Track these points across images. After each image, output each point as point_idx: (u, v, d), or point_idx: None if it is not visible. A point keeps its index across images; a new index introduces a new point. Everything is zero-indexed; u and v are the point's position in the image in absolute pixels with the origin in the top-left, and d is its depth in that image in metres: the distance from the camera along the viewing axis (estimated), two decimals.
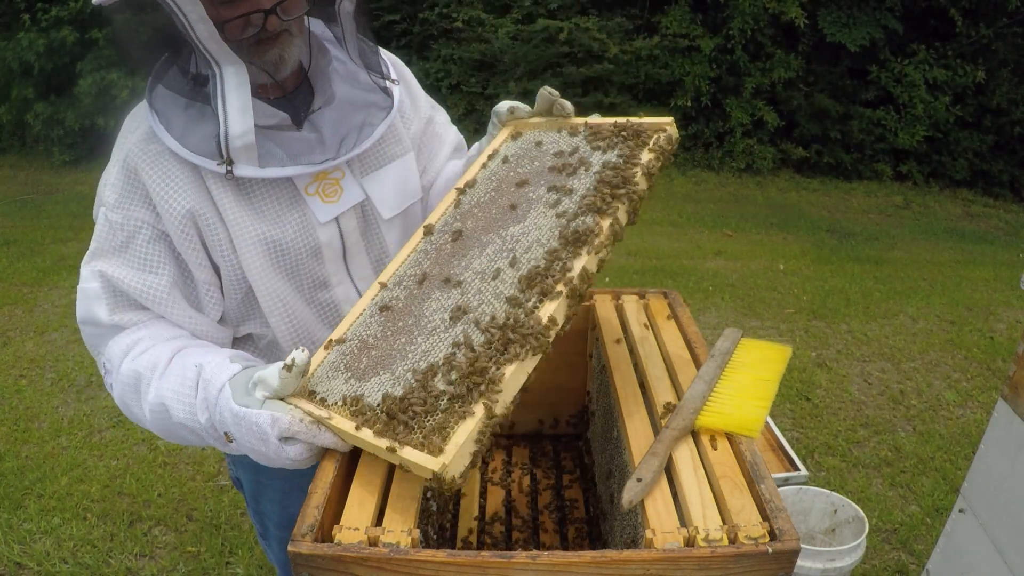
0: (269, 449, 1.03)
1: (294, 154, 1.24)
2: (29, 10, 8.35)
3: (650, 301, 1.52)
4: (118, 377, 1.23)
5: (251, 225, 1.25)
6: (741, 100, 8.53)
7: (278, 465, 1.07)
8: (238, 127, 1.16)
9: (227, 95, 1.15)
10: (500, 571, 0.83)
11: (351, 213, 1.34)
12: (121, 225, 1.24)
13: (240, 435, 1.05)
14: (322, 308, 1.38)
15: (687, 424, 1.07)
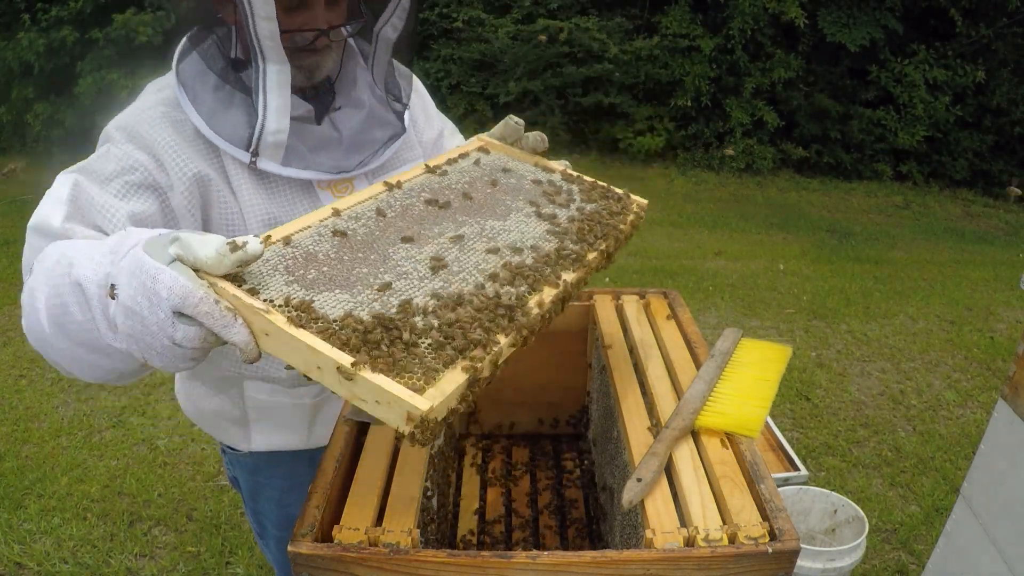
0: (153, 318, 0.80)
1: (313, 148, 1.27)
2: (29, 10, 8.35)
3: (650, 301, 1.52)
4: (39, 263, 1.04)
5: (263, 206, 1.26)
6: (741, 100, 8.53)
7: (153, 351, 0.84)
8: (274, 124, 1.19)
9: (269, 92, 1.17)
10: (500, 571, 0.83)
11: None
12: (118, 158, 1.19)
13: (127, 290, 0.82)
14: None
15: (687, 424, 1.07)
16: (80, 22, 8.22)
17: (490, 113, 8.86)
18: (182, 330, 0.81)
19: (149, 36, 7.94)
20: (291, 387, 1.41)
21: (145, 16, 8.02)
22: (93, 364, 0.97)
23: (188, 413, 1.54)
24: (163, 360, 0.85)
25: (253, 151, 1.21)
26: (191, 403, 1.51)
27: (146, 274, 0.81)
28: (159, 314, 0.81)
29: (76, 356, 0.97)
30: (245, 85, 1.21)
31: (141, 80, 1.40)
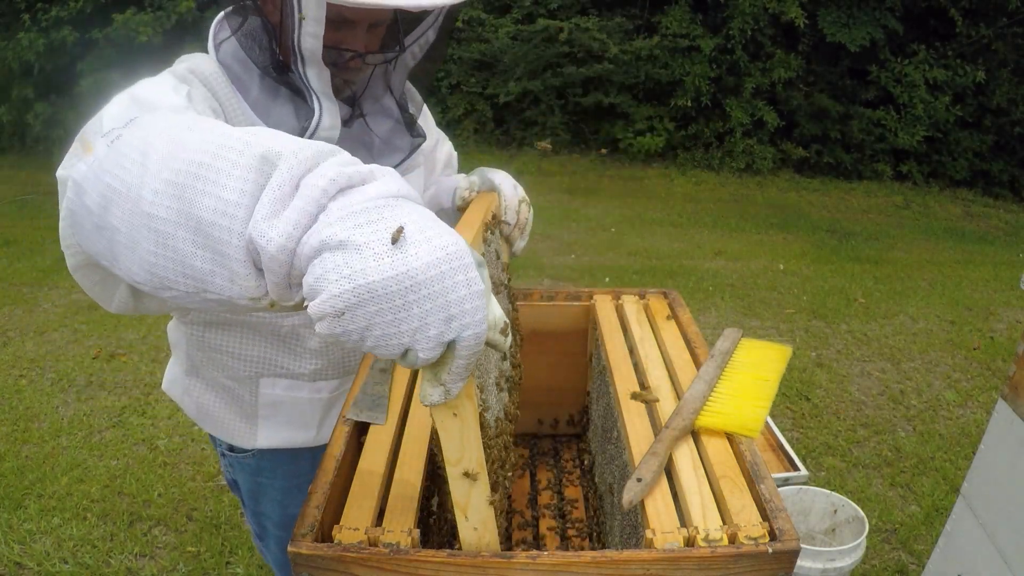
0: (416, 310, 0.64)
1: (346, 146, 1.26)
2: (29, 10, 8.35)
3: (650, 301, 1.52)
4: (160, 119, 0.81)
5: None
6: (741, 100, 8.53)
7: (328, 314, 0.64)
8: (328, 121, 1.19)
9: (319, 93, 1.17)
10: (500, 571, 0.83)
11: None
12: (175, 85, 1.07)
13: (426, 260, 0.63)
14: None
15: (687, 424, 1.07)
16: (80, 22, 8.22)
17: (490, 113, 8.86)
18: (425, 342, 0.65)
19: (149, 36, 7.93)
20: (312, 380, 1.41)
21: (145, 16, 8.02)
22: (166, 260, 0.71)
23: (188, 411, 1.53)
24: (323, 333, 0.65)
25: None
26: (191, 401, 1.49)
27: (462, 268, 0.65)
28: (414, 289, 0.63)
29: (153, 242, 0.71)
30: (289, 82, 1.21)
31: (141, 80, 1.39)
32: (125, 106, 0.92)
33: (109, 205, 0.74)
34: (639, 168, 8.66)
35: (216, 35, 1.25)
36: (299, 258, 0.66)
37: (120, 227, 0.74)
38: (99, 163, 0.77)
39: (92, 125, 0.88)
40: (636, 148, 8.63)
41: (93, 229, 0.78)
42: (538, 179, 8.15)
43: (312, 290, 0.65)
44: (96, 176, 0.77)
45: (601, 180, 8.25)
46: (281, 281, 0.68)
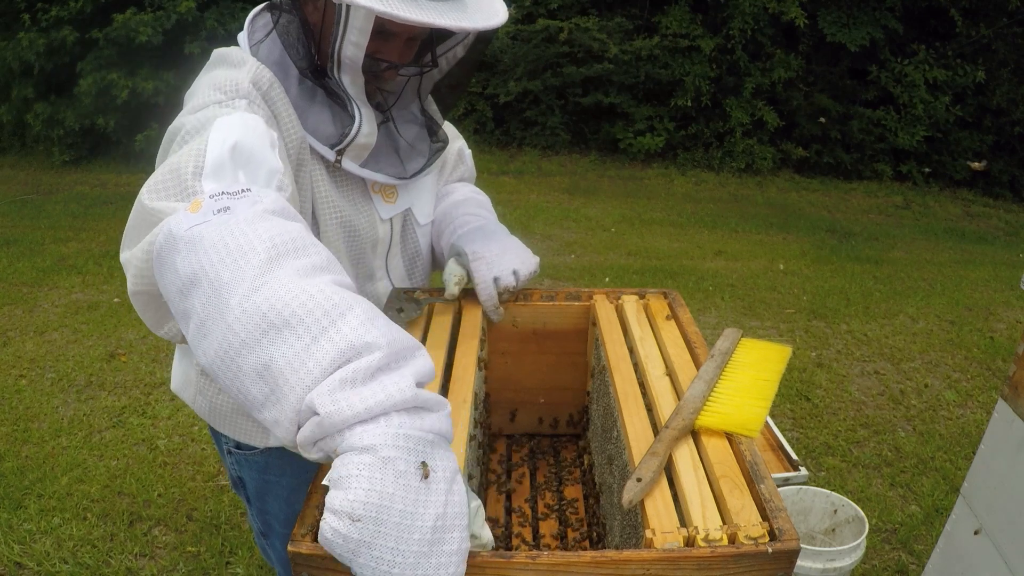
0: (414, 535, 0.70)
1: (379, 152, 1.32)
2: (29, 10, 8.35)
3: (650, 301, 1.52)
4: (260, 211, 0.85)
5: (337, 204, 1.31)
6: (741, 100, 8.54)
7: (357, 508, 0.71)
8: (367, 128, 1.24)
9: (355, 99, 1.21)
10: (500, 571, 0.83)
11: (398, 216, 1.46)
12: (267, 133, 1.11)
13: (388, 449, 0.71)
14: (367, 299, 1.41)
15: (687, 424, 1.07)
16: (80, 22, 8.22)
17: (490, 113, 8.86)
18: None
19: (149, 36, 7.93)
20: None
21: (145, 16, 8.02)
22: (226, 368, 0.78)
23: (200, 410, 1.53)
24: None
25: (340, 150, 1.25)
26: (204, 400, 1.49)
27: (460, 528, 0.73)
28: (417, 537, 0.70)
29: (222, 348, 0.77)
30: (327, 87, 1.23)
31: (141, 80, 1.40)
32: (225, 157, 0.96)
33: (196, 284, 0.80)
34: (639, 168, 8.66)
35: (251, 34, 1.26)
36: (343, 438, 0.72)
37: (199, 311, 0.79)
38: (200, 234, 0.82)
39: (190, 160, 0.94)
40: (636, 148, 8.63)
41: (174, 287, 0.83)
42: (538, 179, 8.16)
43: (340, 481, 0.70)
44: (192, 245, 0.81)
45: (601, 180, 8.25)
46: (313, 437, 0.73)
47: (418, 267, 1.55)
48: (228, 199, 0.86)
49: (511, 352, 1.57)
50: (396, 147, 1.37)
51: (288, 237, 0.82)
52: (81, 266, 5.56)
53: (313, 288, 0.77)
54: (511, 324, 1.52)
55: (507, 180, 8.07)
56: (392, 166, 1.36)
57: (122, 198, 7.71)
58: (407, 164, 1.38)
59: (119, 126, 8.60)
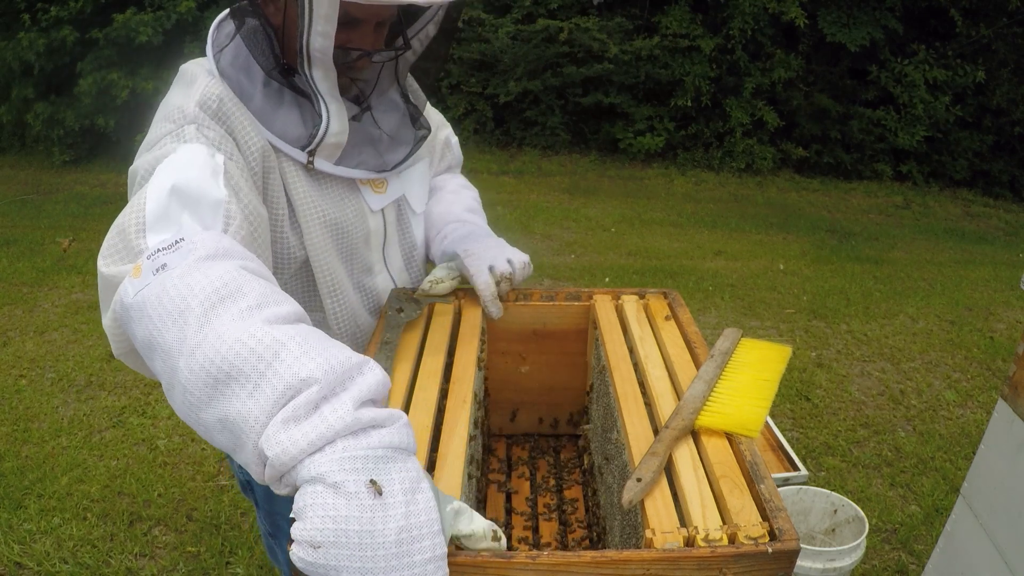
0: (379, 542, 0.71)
1: (357, 145, 1.31)
2: (29, 10, 8.34)
3: (650, 301, 1.52)
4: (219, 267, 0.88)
5: (318, 205, 1.30)
6: (741, 100, 8.54)
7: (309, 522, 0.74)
8: (336, 127, 1.22)
9: (326, 95, 1.18)
10: (500, 571, 0.83)
11: (391, 206, 1.45)
12: (216, 140, 1.13)
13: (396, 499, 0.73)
14: (367, 293, 1.45)
15: (687, 424, 1.07)
16: (80, 22, 8.22)
17: (490, 113, 8.86)
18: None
19: (149, 36, 7.93)
20: None
21: (145, 16, 8.02)
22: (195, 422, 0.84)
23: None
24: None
25: (310, 151, 1.24)
26: None
27: (431, 535, 0.74)
28: (382, 553, 0.71)
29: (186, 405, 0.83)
30: (295, 86, 1.21)
31: (141, 80, 1.46)
32: (165, 204, 0.98)
33: (152, 349, 0.86)
34: (639, 168, 8.66)
35: (215, 41, 1.24)
36: (296, 472, 0.75)
37: (160, 373, 0.86)
38: (143, 299, 0.87)
39: (132, 217, 0.98)
40: (636, 148, 8.63)
41: (142, 351, 0.90)
42: (538, 179, 8.16)
43: (299, 512, 0.73)
44: (140, 312, 0.87)
45: (601, 180, 8.25)
46: (274, 476, 0.77)
47: (415, 258, 1.55)
48: (164, 255, 0.90)
49: (511, 352, 1.57)
50: (374, 139, 1.34)
51: (220, 283, 0.85)
52: (81, 266, 5.56)
53: (246, 334, 0.79)
54: (511, 325, 1.52)
55: (507, 180, 8.07)
56: (372, 158, 1.34)
57: (122, 198, 7.66)
58: (388, 156, 1.36)
59: (119, 126, 8.60)
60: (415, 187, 1.49)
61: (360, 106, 1.32)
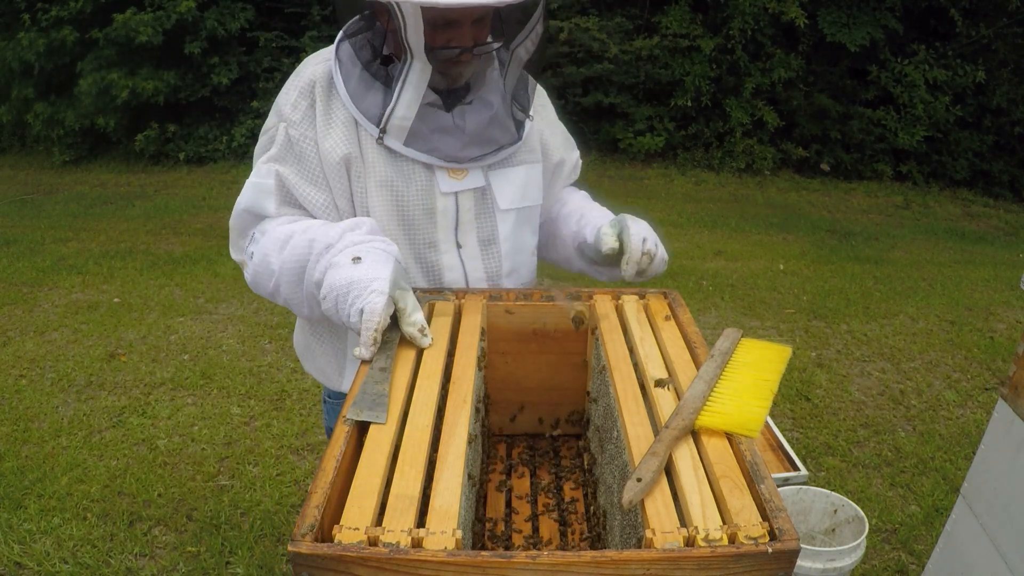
0: (343, 306, 1.25)
1: (435, 132, 1.47)
2: (29, 10, 8.35)
3: (650, 301, 1.52)
4: (268, 237, 1.43)
5: (384, 172, 1.48)
6: (741, 100, 8.54)
7: (332, 312, 1.29)
8: (402, 111, 1.42)
9: (407, 84, 1.40)
10: (500, 571, 0.83)
11: (470, 194, 1.54)
12: (298, 141, 1.47)
13: (347, 271, 1.27)
14: (427, 266, 1.57)
15: (687, 424, 1.07)
16: (80, 22, 8.22)
17: None
18: (354, 323, 1.23)
19: (149, 36, 7.93)
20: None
21: (145, 16, 8.02)
22: (308, 303, 1.40)
23: (297, 348, 1.81)
24: (334, 318, 1.30)
25: (382, 129, 1.45)
26: (302, 337, 1.76)
27: (366, 284, 1.23)
28: (347, 308, 1.24)
29: (299, 298, 1.41)
30: (386, 75, 1.44)
31: (141, 80, 1.61)
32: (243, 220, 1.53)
33: (273, 296, 1.48)
34: (639, 168, 8.66)
35: (340, 38, 1.51)
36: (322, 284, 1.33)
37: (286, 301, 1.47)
38: (252, 278, 1.49)
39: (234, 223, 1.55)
40: (636, 148, 8.63)
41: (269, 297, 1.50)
42: None
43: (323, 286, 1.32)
44: (255, 284, 1.50)
45: (601, 180, 8.25)
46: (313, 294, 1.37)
47: (494, 250, 1.60)
48: (250, 247, 1.49)
49: (511, 352, 1.57)
50: (455, 131, 1.47)
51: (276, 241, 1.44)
52: (81, 266, 5.56)
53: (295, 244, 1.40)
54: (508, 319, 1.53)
55: None
56: (449, 148, 1.48)
57: (122, 198, 7.71)
58: (466, 150, 1.48)
59: (119, 126, 8.60)
60: (508, 186, 1.58)
61: (444, 98, 1.46)
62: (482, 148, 1.50)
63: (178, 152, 8.78)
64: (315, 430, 3.46)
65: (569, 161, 1.78)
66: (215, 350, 4.24)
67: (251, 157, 1.58)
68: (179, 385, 3.84)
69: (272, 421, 3.53)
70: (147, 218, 6.94)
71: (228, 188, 8.16)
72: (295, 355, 1.85)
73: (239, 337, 4.40)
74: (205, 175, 8.50)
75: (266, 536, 2.78)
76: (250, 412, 3.61)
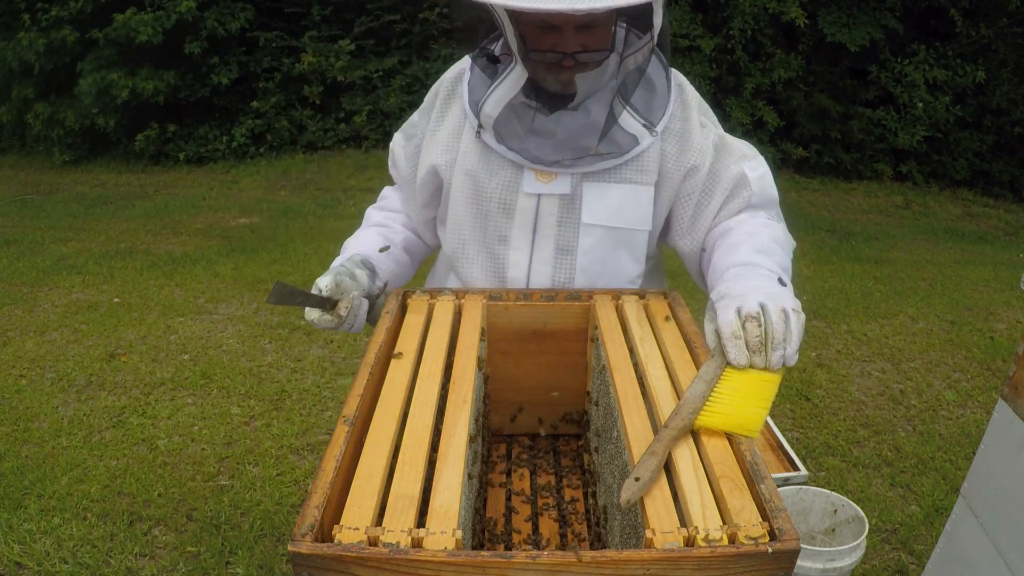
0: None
1: (527, 132, 1.48)
2: (29, 10, 8.35)
3: (650, 301, 1.52)
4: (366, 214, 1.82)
5: (472, 162, 1.55)
6: (741, 100, 8.53)
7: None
8: (489, 109, 1.49)
9: (502, 84, 1.47)
10: (500, 571, 0.83)
11: (555, 199, 1.52)
12: (414, 124, 1.70)
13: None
14: (492, 258, 1.59)
15: (687, 424, 1.07)
16: (80, 22, 8.22)
17: None
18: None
19: (149, 36, 7.93)
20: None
21: (145, 16, 8.02)
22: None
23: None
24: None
25: (479, 124, 1.53)
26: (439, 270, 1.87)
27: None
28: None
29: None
30: (495, 74, 1.51)
31: (141, 80, 1.76)
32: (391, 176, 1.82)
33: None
34: None
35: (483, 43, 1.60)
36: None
37: None
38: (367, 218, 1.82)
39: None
40: None
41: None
42: None
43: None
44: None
45: None
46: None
47: (567, 263, 1.55)
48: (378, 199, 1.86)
49: (511, 352, 1.57)
50: (546, 134, 1.46)
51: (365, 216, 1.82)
52: (81, 266, 5.56)
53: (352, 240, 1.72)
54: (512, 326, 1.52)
55: None
56: (538, 150, 1.48)
57: (122, 198, 7.71)
58: (555, 154, 1.46)
59: (119, 126, 8.60)
60: (600, 201, 1.50)
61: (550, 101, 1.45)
62: (571, 154, 1.45)
63: (178, 152, 8.78)
64: (315, 430, 3.46)
65: (724, 177, 1.53)
66: (215, 350, 4.24)
67: (251, 157, 1.79)
68: (179, 385, 3.84)
69: (272, 421, 3.53)
70: (147, 218, 6.94)
71: (228, 188, 8.17)
72: (295, 355, 2.09)
73: (239, 337, 4.40)
74: (205, 175, 8.51)
75: (266, 536, 2.78)
76: (250, 412, 3.61)
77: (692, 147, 1.52)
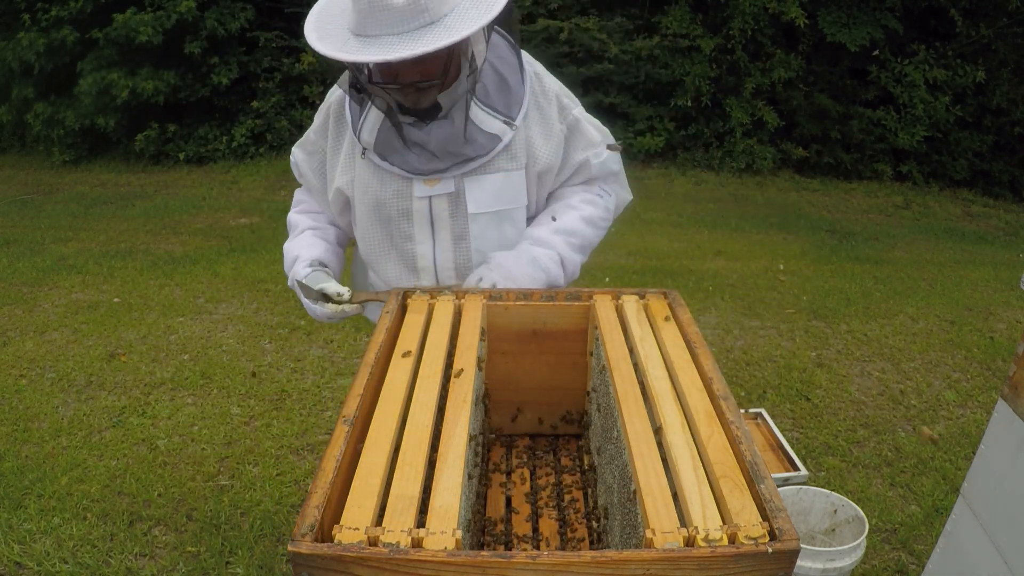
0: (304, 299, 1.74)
1: (407, 145, 1.69)
2: (29, 10, 8.35)
3: (650, 301, 1.52)
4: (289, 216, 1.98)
5: (366, 179, 1.76)
6: (741, 100, 8.53)
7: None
8: (365, 134, 1.72)
9: (371, 111, 1.69)
10: (500, 571, 0.83)
11: (444, 198, 1.74)
12: (313, 141, 1.88)
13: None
14: (401, 255, 1.82)
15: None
16: (80, 22, 8.22)
17: None
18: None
19: (149, 36, 7.93)
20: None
21: (145, 16, 8.02)
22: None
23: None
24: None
25: (363, 146, 1.74)
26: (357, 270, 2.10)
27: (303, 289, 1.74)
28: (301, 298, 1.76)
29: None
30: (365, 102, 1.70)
31: (141, 80, 2.03)
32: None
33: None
34: (639, 168, 8.66)
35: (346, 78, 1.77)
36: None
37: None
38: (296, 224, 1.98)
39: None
40: (636, 148, 8.63)
41: None
42: None
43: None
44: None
45: None
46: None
47: (463, 248, 1.77)
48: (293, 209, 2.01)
49: (511, 352, 1.57)
50: (417, 146, 1.67)
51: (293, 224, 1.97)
52: (81, 266, 5.56)
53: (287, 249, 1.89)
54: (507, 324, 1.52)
55: None
56: (416, 162, 1.70)
57: (122, 198, 7.71)
58: (429, 164, 1.69)
59: (119, 126, 8.60)
60: (480, 192, 1.74)
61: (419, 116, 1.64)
62: (446, 161, 1.68)
63: (178, 152, 8.78)
64: (315, 430, 3.46)
65: (555, 167, 1.81)
66: (215, 350, 4.24)
67: (251, 157, 1.82)
68: (179, 385, 3.84)
69: (272, 421, 3.53)
70: (147, 218, 6.94)
71: (228, 188, 8.17)
72: (295, 355, 2.18)
73: (239, 337, 4.40)
74: (205, 175, 8.50)
75: (266, 536, 2.78)
76: (250, 412, 3.61)
77: (552, 133, 1.79)
